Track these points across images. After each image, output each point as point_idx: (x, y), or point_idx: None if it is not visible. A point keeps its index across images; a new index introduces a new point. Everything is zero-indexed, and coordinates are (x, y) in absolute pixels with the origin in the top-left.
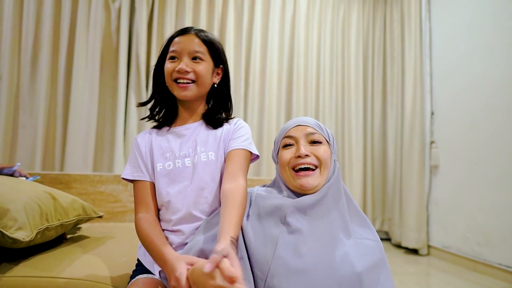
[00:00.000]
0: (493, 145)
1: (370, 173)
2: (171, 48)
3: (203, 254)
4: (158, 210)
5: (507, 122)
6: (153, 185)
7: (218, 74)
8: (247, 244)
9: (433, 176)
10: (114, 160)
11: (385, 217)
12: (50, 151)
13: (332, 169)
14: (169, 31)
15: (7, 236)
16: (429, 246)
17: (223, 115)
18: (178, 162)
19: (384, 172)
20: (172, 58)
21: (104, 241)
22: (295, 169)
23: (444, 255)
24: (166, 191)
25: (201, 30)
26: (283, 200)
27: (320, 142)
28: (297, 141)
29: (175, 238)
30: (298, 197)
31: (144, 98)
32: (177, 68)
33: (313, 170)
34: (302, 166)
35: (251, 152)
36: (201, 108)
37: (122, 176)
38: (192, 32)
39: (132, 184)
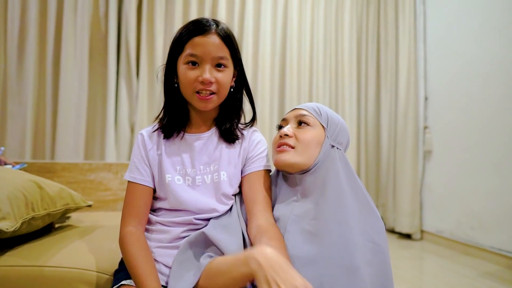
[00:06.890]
0: (486, 129)
1: (364, 158)
2: (190, 51)
3: (207, 238)
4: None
5: (501, 107)
6: (151, 193)
7: (234, 76)
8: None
9: (426, 161)
10: (106, 148)
11: (378, 203)
12: (40, 140)
13: (322, 153)
14: (159, 16)
15: None
16: (422, 231)
17: (238, 122)
18: (188, 180)
19: (378, 157)
20: (192, 63)
21: (93, 229)
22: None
23: (437, 240)
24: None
25: (218, 24)
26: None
27: (308, 125)
28: (287, 123)
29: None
30: (285, 176)
31: (135, 86)
32: (200, 79)
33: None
34: (281, 147)
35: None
36: (215, 113)
37: (125, 177)
38: (213, 31)
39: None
